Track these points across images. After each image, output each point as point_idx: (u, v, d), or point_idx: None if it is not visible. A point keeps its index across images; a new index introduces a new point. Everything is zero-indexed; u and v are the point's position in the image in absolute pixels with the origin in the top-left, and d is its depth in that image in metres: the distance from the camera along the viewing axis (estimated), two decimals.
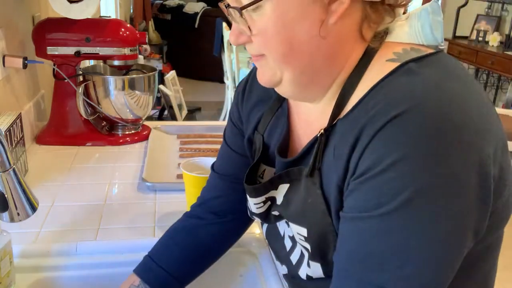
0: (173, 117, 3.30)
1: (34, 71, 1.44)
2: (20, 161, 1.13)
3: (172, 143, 1.41)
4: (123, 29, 1.35)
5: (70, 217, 1.00)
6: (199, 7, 5.84)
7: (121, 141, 1.41)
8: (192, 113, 3.89)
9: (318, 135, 0.62)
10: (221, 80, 4.62)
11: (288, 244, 0.74)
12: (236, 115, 0.82)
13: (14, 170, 0.67)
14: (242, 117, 0.80)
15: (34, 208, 0.70)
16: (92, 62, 1.80)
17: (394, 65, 0.56)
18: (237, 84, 0.97)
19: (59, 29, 1.32)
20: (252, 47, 0.62)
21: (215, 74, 5.14)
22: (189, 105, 3.83)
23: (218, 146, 1.40)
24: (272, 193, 0.71)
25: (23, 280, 0.85)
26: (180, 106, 3.45)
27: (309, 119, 0.69)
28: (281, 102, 0.74)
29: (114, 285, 0.90)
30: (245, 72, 3.60)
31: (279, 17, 0.57)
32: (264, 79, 0.64)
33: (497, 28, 4.71)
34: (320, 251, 0.64)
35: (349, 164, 0.56)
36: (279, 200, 0.71)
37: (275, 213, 0.73)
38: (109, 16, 1.90)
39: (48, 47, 1.32)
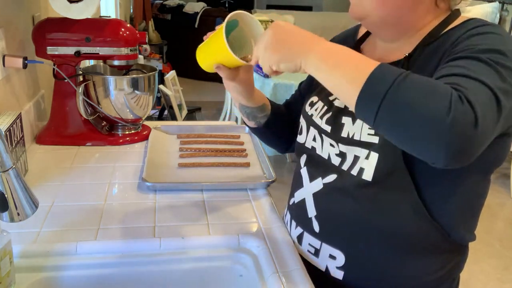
0: (173, 117, 3.29)
1: (34, 71, 1.44)
2: (20, 161, 1.13)
3: (172, 143, 1.41)
4: (123, 29, 1.35)
5: (70, 217, 1.00)
6: (199, 7, 5.85)
7: (121, 141, 1.41)
8: (192, 113, 3.88)
9: (403, 57, 0.83)
10: (221, 80, 4.56)
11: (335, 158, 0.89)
12: None
13: (14, 170, 0.67)
14: None
15: (34, 208, 0.70)
16: (92, 62, 1.80)
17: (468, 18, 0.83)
18: None
19: (59, 29, 1.31)
20: None
21: (215, 74, 5.12)
22: (189, 105, 3.82)
23: (218, 146, 1.41)
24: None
25: (23, 280, 0.85)
26: (180, 106, 3.45)
27: (382, 56, 0.89)
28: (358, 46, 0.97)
29: (114, 285, 0.90)
30: None
31: None
32: (355, 13, 0.86)
33: None
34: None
35: (445, 51, 0.78)
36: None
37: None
38: (109, 16, 1.90)
39: (48, 47, 1.32)
